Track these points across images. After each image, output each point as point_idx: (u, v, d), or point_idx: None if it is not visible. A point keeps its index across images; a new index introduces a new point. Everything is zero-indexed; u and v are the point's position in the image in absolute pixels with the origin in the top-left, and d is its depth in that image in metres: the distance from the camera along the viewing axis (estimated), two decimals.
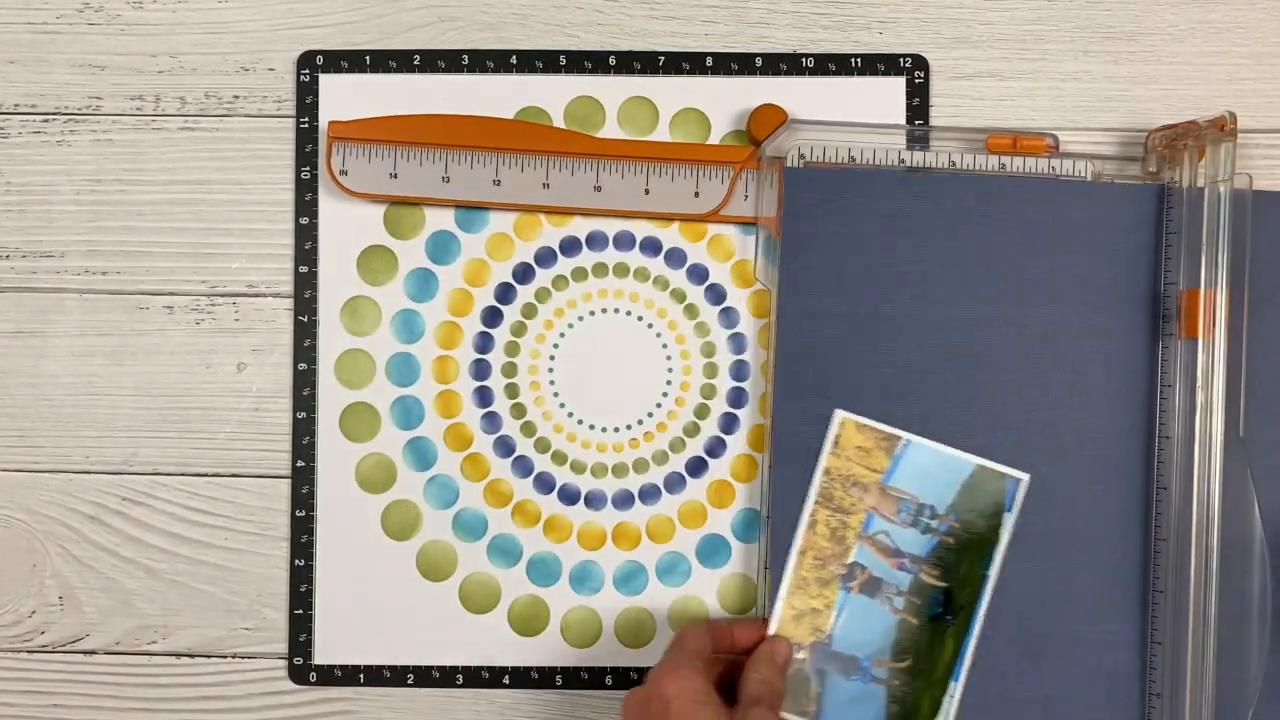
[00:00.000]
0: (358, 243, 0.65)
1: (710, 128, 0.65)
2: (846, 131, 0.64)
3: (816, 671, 0.61)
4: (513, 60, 0.65)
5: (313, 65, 0.65)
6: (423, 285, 0.65)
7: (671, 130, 0.65)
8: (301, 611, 0.65)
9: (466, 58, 0.65)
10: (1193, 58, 0.65)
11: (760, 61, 0.65)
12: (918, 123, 0.65)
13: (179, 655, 0.65)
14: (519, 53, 0.65)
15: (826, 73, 0.65)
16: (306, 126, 0.65)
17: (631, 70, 0.65)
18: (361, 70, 0.65)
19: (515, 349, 0.65)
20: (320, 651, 0.65)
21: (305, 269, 0.65)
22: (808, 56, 0.65)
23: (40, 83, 0.66)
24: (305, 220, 0.65)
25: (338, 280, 0.65)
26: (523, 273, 0.65)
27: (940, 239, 0.63)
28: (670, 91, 0.65)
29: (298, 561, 0.65)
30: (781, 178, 0.63)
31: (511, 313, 0.65)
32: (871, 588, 0.61)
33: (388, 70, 0.65)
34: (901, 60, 0.65)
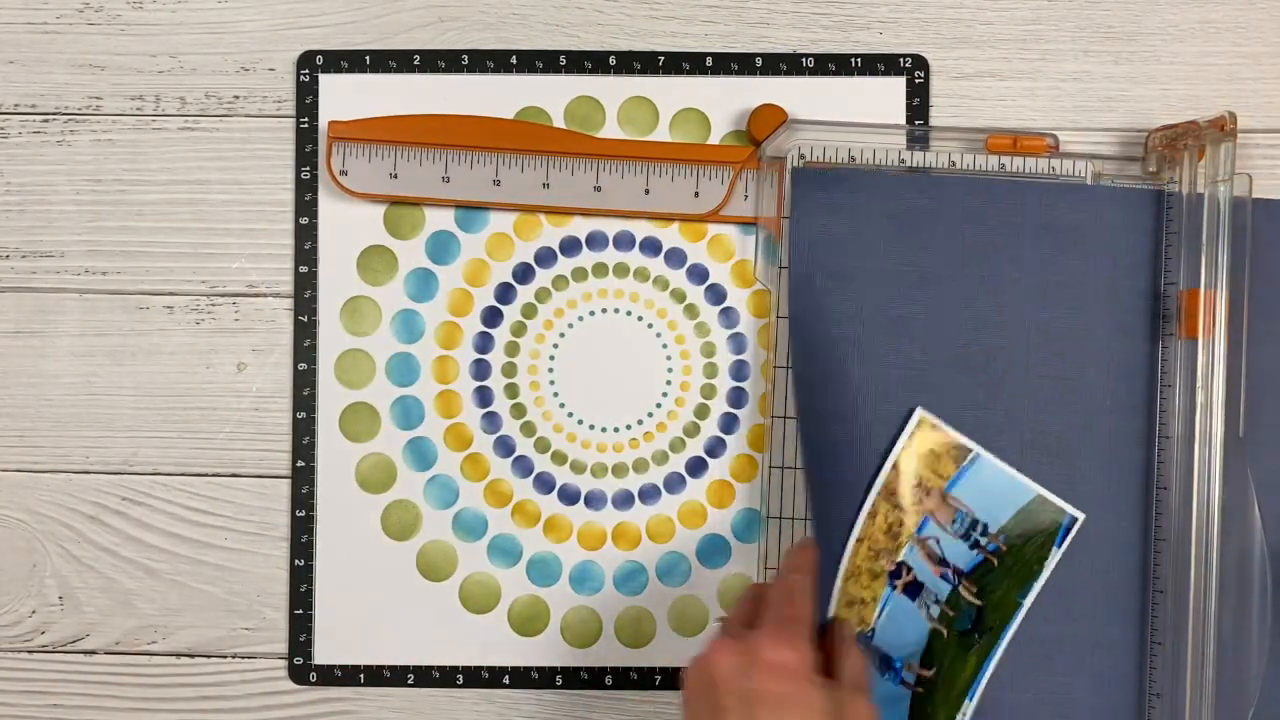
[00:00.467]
0: (358, 243, 0.65)
1: (710, 128, 0.65)
2: (846, 131, 0.64)
3: None
4: (513, 60, 0.65)
5: (313, 65, 0.65)
6: (423, 285, 0.65)
7: (671, 130, 0.65)
8: (301, 611, 0.65)
9: (466, 58, 0.65)
10: (1193, 58, 0.65)
11: (760, 61, 0.65)
12: (918, 123, 0.65)
13: (179, 655, 0.65)
14: (519, 53, 0.65)
15: (826, 73, 0.65)
16: (306, 126, 0.65)
17: (631, 70, 0.65)
18: (361, 70, 0.65)
19: (515, 349, 0.65)
20: (320, 651, 0.65)
21: (305, 269, 0.65)
22: (808, 56, 0.65)
23: (40, 83, 0.66)
24: (305, 220, 0.65)
25: (338, 280, 0.65)
26: (523, 273, 0.65)
27: (941, 239, 0.62)
28: (670, 91, 0.65)
29: (298, 561, 0.65)
30: (782, 178, 0.63)
31: (511, 313, 0.65)
32: (913, 590, 0.61)
33: (388, 70, 0.65)
34: (901, 60, 0.65)
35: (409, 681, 0.65)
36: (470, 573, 0.65)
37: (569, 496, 0.65)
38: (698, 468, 0.65)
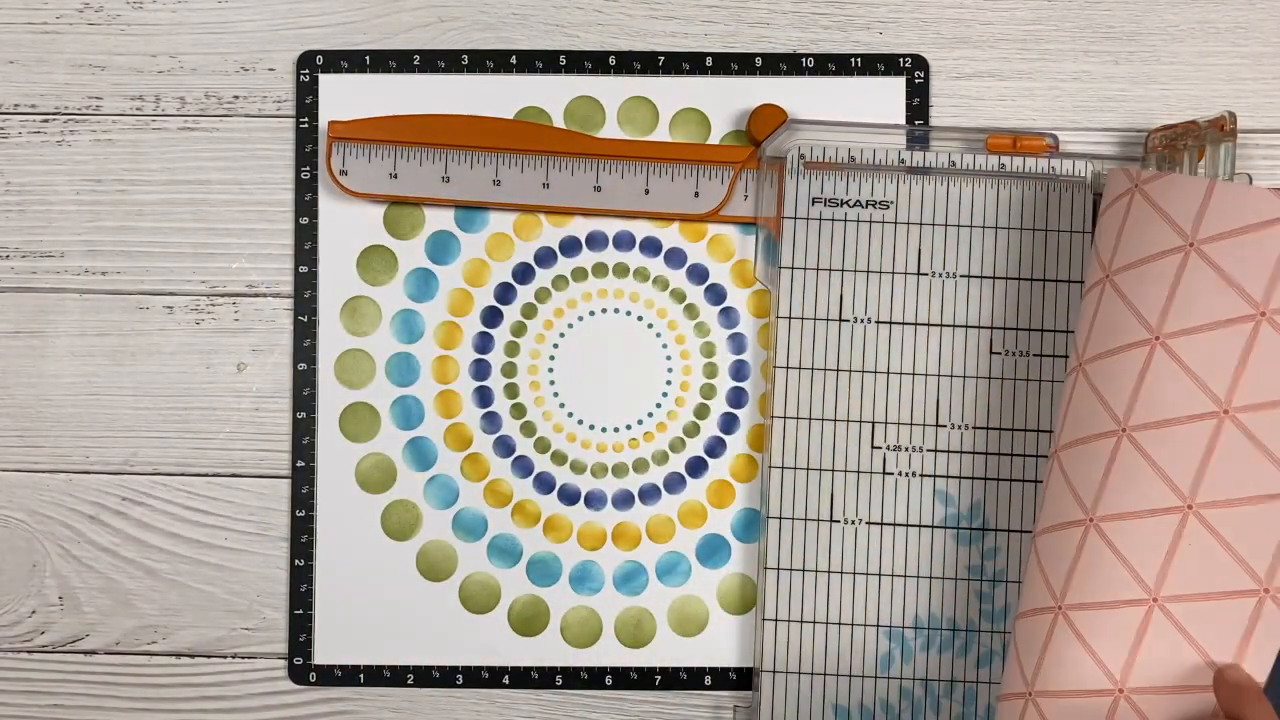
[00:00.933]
0: (358, 243, 0.65)
1: (710, 128, 0.65)
2: (846, 131, 0.64)
3: None
4: (513, 60, 0.65)
5: (313, 65, 0.65)
6: (422, 285, 0.65)
7: (671, 130, 0.65)
8: (301, 611, 0.65)
9: (466, 58, 0.65)
10: (1193, 58, 0.65)
11: (760, 61, 0.65)
12: (918, 123, 0.65)
13: (179, 655, 0.65)
14: (519, 53, 0.65)
15: (826, 73, 0.65)
16: (306, 126, 0.65)
17: (631, 70, 0.65)
18: (361, 70, 0.65)
19: (515, 349, 0.65)
20: (320, 651, 0.65)
21: (305, 269, 0.65)
22: (808, 56, 0.65)
23: (40, 83, 0.66)
24: (305, 220, 0.65)
25: (338, 280, 0.65)
26: (523, 273, 0.65)
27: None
28: (670, 91, 0.65)
29: (298, 561, 0.65)
30: (782, 177, 0.63)
31: (511, 313, 0.65)
32: None
33: (388, 70, 0.65)
34: (901, 60, 0.65)
35: (409, 681, 0.65)
36: (470, 573, 0.65)
37: (569, 496, 0.65)
38: (698, 468, 0.65)
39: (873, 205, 0.63)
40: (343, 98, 0.65)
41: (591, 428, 0.65)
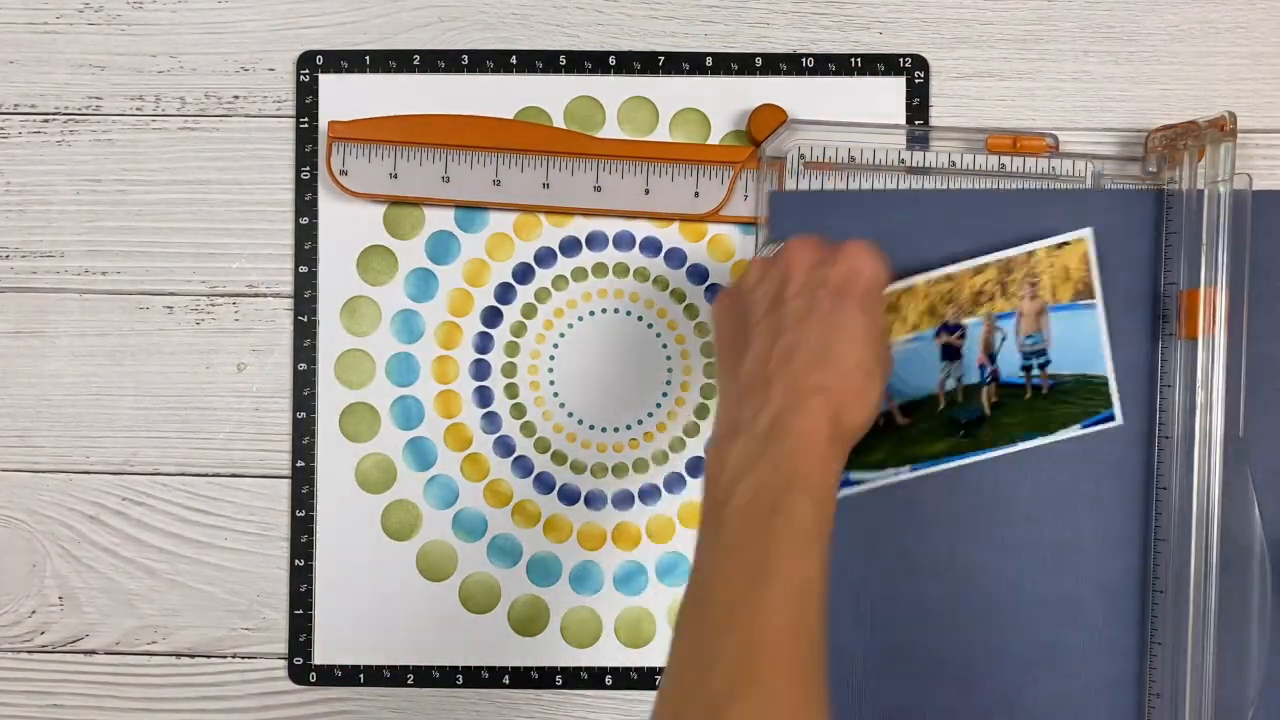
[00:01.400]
0: (358, 243, 0.65)
1: (710, 128, 0.65)
2: (846, 131, 0.64)
3: None
4: (513, 60, 0.65)
5: (313, 65, 0.65)
6: (422, 285, 0.65)
7: (671, 130, 0.65)
8: (301, 611, 0.65)
9: (466, 58, 0.65)
10: (1193, 58, 0.65)
11: (760, 61, 0.65)
12: (918, 123, 0.65)
13: (179, 655, 0.65)
14: (519, 53, 0.65)
15: (826, 73, 0.65)
16: (306, 126, 0.65)
17: (631, 70, 0.65)
18: (361, 70, 0.65)
19: (515, 349, 0.65)
20: (320, 651, 0.65)
21: (305, 269, 0.65)
22: (808, 56, 0.65)
23: (40, 83, 0.66)
24: (305, 220, 0.65)
25: (337, 280, 0.65)
26: (522, 273, 0.65)
27: (940, 242, 0.63)
28: (670, 91, 0.65)
29: (298, 561, 0.65)
30: (782, 178, 0.63)
31: (511, 313, 0.65)
32: (949, 353, 0.61)
33: (388, 70, 0.65)
34: (901, 60, 0.65)
35: (409, 681, 0.65)
36: (470, 573, 0.65)
37: (569, 496, 0.65)
38: (698, 468, 0.65)
39: None
40: (343, 98, 0.65)
41: (591, 428, 0.65)
